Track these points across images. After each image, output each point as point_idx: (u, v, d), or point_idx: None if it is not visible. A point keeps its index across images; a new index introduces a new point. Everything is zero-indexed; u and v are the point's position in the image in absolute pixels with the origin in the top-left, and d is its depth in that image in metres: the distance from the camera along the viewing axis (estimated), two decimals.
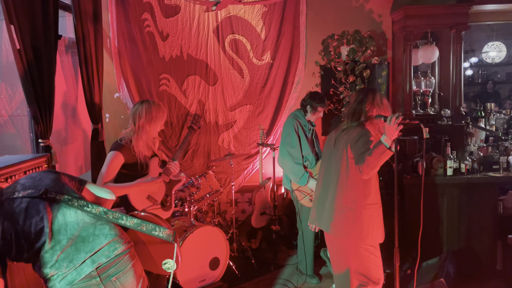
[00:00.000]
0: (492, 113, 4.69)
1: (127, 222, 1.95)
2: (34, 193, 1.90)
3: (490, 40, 5.28)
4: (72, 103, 4.34)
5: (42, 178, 2.00)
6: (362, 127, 2.64)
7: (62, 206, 1.92)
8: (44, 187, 1.93)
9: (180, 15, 4.85)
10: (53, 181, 2.00)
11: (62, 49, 4.15)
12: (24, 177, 2.04)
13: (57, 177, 2.04)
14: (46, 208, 1.88)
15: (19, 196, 1.90)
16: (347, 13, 4.82)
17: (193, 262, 3.67)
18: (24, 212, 1.86)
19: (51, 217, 1.88)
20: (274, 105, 4.96)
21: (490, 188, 4.02)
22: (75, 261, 1.84)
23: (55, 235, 1.86)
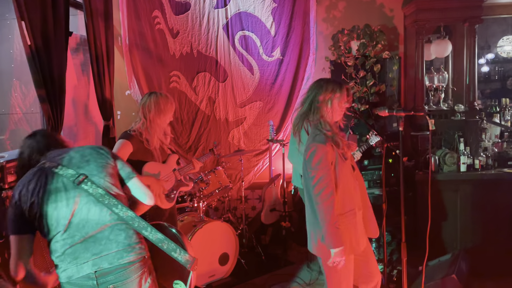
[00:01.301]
0: (507, 108, 4.58)
1: (150, 235, 1.85)
2: (73, 176, 1.86)
3: (505, 35, 5.15)
4: (83, 100, 4.39)
5: (90, 160, 1.93)
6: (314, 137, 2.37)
7: (91, 200, 1.86)
8: (87, 172, 1.88)
9: (190, 12, 4.87)
10: (98, 168, 1.92)
11: (73, 47, 4.21)
12: (77, 149, 1.98)
13: (105, 164, 1.95)
14: (75, 198, 1.85)
15: (59, 174, 1.86)
16: (357, 8, 4.77)
17: (202, 257, 3.67)
18: (55, 193, 1.85)
19: (75, 210, 1.85)
20: (284, 102, 4.94)
21: (505, 184, 3.92)
22: (79, 260, 1.85)
23: (71, 229, 1.85)
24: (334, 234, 2.28)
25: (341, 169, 2.37)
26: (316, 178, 2.29)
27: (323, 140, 2.34)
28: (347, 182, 2.39)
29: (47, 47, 3.13)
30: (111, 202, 1.85)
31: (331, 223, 2.28)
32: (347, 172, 2.41)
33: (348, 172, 2.42)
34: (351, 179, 2.43)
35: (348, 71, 4.27)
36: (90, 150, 1.97)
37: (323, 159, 2.29)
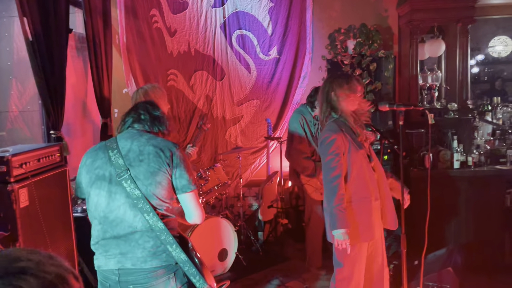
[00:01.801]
0: (498, 107, 4.69)
1: (174, 252, 1.83)
2: (119, 168, 1.86)
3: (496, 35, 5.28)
4: (82, 97, 4.40)
5: (144, 161, 1.87)
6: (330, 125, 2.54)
7: (129, 202, 1.85)
8: (134, 172, 1.85)
9: (187, 11, 4.91)
10: (146, 173, 1.85)
11: (72, 44, 4.21)
12: (141, 141, 1.92)
13: (156, 171, 1.86)
14: (116, 194, 1.86)
15: (111, 160, 1.87)
16: (353, 8, 4.85)
17: (202, 253, 3.69)
18: (101, 180, 1.89)
19: (112, 205, 1.87)
20: (281, 100, 5.00)
21: (498, 181, 4.02)
22: (109, 253, 1.89)
23: (105, 224, 1.89)
24: (336, 216, 2.40)
25: (354, 158, 2.49)
26: (325, 163, 2.48)
27: (334, 129, 2.50)
28: (361, 170, 2.50)
29: (48, 43, 3.15)
30: (144, 208, 1.83)
31: (334, 205, 2.41)
32: (361, 161, 2.51)
33: (363, 161, 2.52)
34: (366, 168, 2.52)
35: (344, 69, 4.34)
36: (151, 149, 1.89)
37: (332, 146, 2.45)
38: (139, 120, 2.01)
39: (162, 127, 2.05)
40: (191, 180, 1.93)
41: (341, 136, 2.47)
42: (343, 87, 2.51)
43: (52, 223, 2.61)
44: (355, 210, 2.49)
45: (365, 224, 2.51)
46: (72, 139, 4.18)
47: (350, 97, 2.51)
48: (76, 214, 3.10)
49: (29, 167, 2.43)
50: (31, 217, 2.39)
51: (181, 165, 1.91)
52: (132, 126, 2.01)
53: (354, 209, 2.49)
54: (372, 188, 2.54)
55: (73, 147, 4.20)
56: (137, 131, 1.98)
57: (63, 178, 2.80)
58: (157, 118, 2.05)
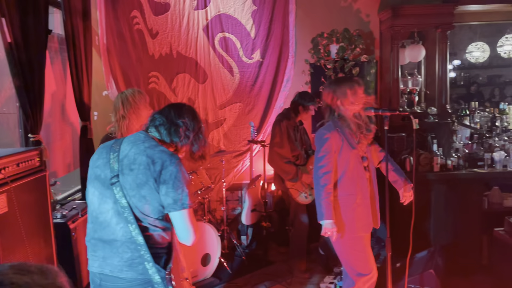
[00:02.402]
0: (476, 111, 4.81)
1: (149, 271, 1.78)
2: (112, 173, 1.80)
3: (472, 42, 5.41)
4: (60, 100, 4.30)
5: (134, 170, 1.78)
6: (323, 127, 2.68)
7: (116, 209, 1.81)
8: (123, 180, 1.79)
9: (169, 13, 4.85)
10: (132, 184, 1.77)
11: (51, 46, 4.11)
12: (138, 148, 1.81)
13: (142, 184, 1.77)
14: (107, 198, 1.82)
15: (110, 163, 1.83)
16: (335, 13, 4.89)
17: (184, 258, 3.65)
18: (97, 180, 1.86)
19: (102, 208, 1.84)
20: (264, 103, 4.99)
21: (476, 184, 4.12)
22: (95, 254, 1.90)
23: (95, 224, 1.87)
24: (324, 208, 2.58)
25: (346, 157, 2.62)
26: (317, 158, 2.64)
27: (330, 127, 2.65)
28: (351, 169, 2.63)
29: (27, 44, 3.05)
30: (129, 218, 1.78)
31: (322, 198, 2.58)
32: (353, 160, 2.63)
33: (354, 161, 2.63)
34: (357, 167, 2.64)
35: (327, 73, 4.37)
36: (143, 159, 1.79)
37: (325, 144, 2.60)
38: (154, 124, 1.90)
39: (175, 138, 1.87)
40: (179, 200, 1.77)
41: (334, 135, 2.60)
42: (347, 94, 2.60)
43: (31, 229, 2.53)
44: (341, 205, 2.65)
45: (349, 219, 2.64)
46: (51, 142, 4.07)
47: (354, 103, 2.60)
48: (56, 220, 3.01)
49: (8, 172, 2.34)
50: (10, 224, 2.30)
51: (169, 182, 1.76)
52: (147, 129, 1.91)
53: (340, 204, 2.65)
54: (360, 186, 2.65)
55: (52, 150, 4.09)
56: (144, 136, 1.87)
57: (42, 183, 2.72)
58: (174, 126, 1.87)
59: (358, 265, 2.69)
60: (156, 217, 1.81)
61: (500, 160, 4.17)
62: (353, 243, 2.67)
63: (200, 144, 1.92)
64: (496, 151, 4.24)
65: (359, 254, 2.68)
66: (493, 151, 4.27)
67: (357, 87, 2.61)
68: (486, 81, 7.02)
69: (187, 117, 1.89)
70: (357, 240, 2.67)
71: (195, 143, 1.91)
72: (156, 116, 1.91)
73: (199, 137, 1.92)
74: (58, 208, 3.41)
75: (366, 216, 2.68)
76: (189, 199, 1.79)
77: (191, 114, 1.92)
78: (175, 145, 1.89)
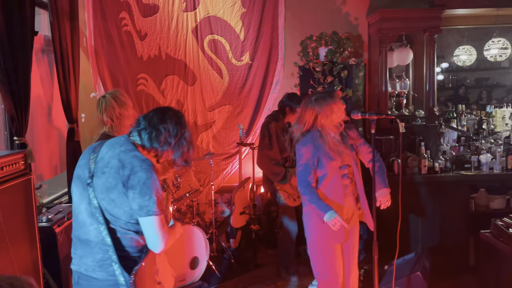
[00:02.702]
0: (463, 114, 4.86)
1: (116, 272, 1.78)
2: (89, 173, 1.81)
3: (460, 45, 5.47)
4: (47, 102, 4.25)
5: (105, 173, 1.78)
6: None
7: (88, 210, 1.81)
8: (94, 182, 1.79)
9: (158, 14, 4.83)
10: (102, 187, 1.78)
11: (37, 47, 4.07)
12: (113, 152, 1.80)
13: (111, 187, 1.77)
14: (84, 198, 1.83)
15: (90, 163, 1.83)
16: (324, 16, 4.91)
17: (172, 262, 3.63)
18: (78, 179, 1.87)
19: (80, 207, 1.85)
20: (253, 106, 4.99)
21: (462, 186, 4.15)
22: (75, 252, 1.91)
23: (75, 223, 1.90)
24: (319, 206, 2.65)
25: (322, 168, 2.70)
26: (298, 172, 2.77)
27: (305, 142, 2.74)
28: (328, 180, 2.71)
29: (12, 46, 3.01)
30: (99, 219, 1.79)
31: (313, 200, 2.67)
32: (331, 171, 2.70)
33: (333, 172, 2.70)
34: (333, 178, 2.70)
35: (316, 76, 4.38)
36: (115, 163, 1.78)
37: (302, 158, 2.73)
38: (137, 127, 1.87)
39: (155, 143, 1.84)
40: (145, 207, 1.74)
41: (310, 148, 2.70)
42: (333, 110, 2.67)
43: (16, 234, 2.50)
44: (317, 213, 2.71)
45: (320, 227, 2.71)
46: (37, 145, 4.03)
47: (331, 116, 2.67)
48: (41, 224, 2.98)
49: None
50: None
51: (136, 188, 1.73)
52: (130, 133, 1.90)
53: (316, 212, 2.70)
54: (335, 198, 2.71)
55: (38, 153, 4.04)
56: (124, 140, 1.86)
57: (27, 187, 2.69)
58: (155, 131, 1.83)
59: (323, 268, 2.79)
60: (127, 220, 1.80)
61: (486, 162, 4.21)
62: (322, 248, 2.77)
63: (182, 150, 1.87)
64: (483, 153, 4.28)
65: (326, 259, 2.77)
66: (479, 153, 4.31)
67: (339, 100, 2.70)
68: (473, 84, 7.10)
69: (170, 122, 1.86)
70: (327, 246, 2.76)
71: (176, 149, 1.86)
72: (140, 120, 1.89)
73: (182, 144, 1.87)
74: (44, 211, 3.37)
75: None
76: (156, 207, 1.75)
77: (174, 120, 1.87)
78: (155, 151, 1.86)
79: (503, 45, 4.70)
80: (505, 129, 4.68)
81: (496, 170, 4.21)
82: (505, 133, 4.61)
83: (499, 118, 4.81)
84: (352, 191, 2.79)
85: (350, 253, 2.85)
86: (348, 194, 2.78)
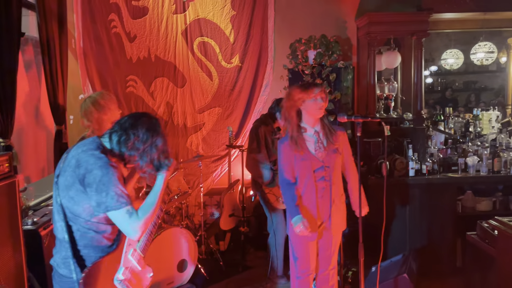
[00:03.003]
0: (450, 117, 4.90)
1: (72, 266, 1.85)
2: (55, 177, 1.88)
3: (448, 49, 5.52)
4: (34, 103, 4.22)
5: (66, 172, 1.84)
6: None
7: (55, 207, 1.89)
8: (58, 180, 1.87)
9: (148, 16, 4.83)
10: (62, 185, 1.84)
11: (25, 48, 4.04)
12: (76, 151, 1.84)
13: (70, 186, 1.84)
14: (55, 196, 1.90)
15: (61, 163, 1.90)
16: (313, 19, 4.93)
17: (160, 265, 3.62)
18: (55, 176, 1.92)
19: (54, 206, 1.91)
20: (243, 108, 5.00)
21: (450, 188, 4.18)
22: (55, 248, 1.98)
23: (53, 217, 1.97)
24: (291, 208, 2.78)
25: (297, 166, 2.78)
26: (279, 169, 2.87)
27: (282, 140, 2.84)
28: (302, 177, 2.78)
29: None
30: (62, 217, 1.85)
31: (288, 201, 2.80)
32: (303, 170, 2.77)
33: (305, 171, 2.76)
34: (307, 176, 2.75)
35: (305, 79, 4.40)
36: (73, 162, 1.82)
37: (280, 155, 2.83)
38: (111, 130, 1.89)
39: (123, 148, 1.84)
40: (103, 203, 1.78)
41: (286, 146, 2.77)
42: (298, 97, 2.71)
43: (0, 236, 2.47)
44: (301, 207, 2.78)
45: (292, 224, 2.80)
46: (24, 147, 3.99)
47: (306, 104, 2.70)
48: (26, 227, 2.95)
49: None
50: None
51: (92, 186, 1.77)
52: (103, 135, 1.92)
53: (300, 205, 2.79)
54: (311, 198, 2.77)
55: (25, 155, 4.01)
56: (91, 141, 1.88)
57: (12, 189, 2.66)
58: (125, 135, 1.84)
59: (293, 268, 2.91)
60: (88, 218, 1.84)
61: (473, 165, 4.26)
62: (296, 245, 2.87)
63: (150, 158, 1.86)
64: (470, 156, 4.32)
65: (298, 259, 2.87)
66: (466, 156, 4.35)
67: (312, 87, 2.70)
68: (462, 87, 7.18)
69: (141, 128, 1.85)
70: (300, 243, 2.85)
71: (143, 156, 1.86)
72: (116, 123, 1.91)
73: (151, 151, 1.86)
74: (30, 214, 3.34)
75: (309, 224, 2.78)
76: (116, 201, 1.77)
77: (146, 126, 1.86)
78: (122, 155, 1.86)
79: (489, 49, 4.76)
80: (491, 131, 4.72)
81: (483, 173, 4.25)
82: (491, 135, 4.66)
83: (485, 120, 4.87)
84: (329, 194, 2.79)
85: (326, 250, 2.89)
86: (325, 197, 2.78)
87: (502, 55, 5.27)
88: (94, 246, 1.88)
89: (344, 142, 2.86)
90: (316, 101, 2.65)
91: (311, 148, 2.75)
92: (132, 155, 1.85)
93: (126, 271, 1.97)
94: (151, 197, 1.91)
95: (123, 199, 1.79)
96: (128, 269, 1.99)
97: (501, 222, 3.15)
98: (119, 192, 1.78)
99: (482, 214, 4.07)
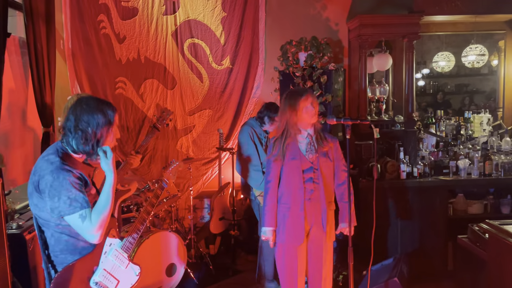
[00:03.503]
0: (442, 120, 4.90)
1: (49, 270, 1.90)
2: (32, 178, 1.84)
3: (440, 51, 5.52)
4: (21, 105, 4.15)
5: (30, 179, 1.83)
6: None
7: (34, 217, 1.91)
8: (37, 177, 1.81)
9: (137, 17, 4.77)
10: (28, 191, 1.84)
11: (11, 49, 3.97)
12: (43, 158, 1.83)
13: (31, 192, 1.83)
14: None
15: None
16: (305, 21, 4.91)
17: (149, 269, 3.56)
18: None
19: None
20: (234, 110, 4.96)
21: (441, 191, 4.17)
22: None
23: None
24: (265, 215, 2.85)
25: (285, 167, 2.80)
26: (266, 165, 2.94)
27: (274, 138, 2.87)
28: (289, 179, 2.79)
29: None
30: (35, 224, 1.90)
31: (265, 205, 2.86)
32: (292, 171, 2.78)
33: (294, 171, 2.77)
34: (294, 178, 2.77)
35: (296, 81, 4.37)
36: (33, 169, 1.84)
37: (271, 151, 2.84)
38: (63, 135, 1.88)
39: (80, 146, 1.83)
40: (56, 208, 1.77)
41: (277, 144, 2.80)
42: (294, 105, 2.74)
43: None
44: (283, 213, 2.82)
45: (279, 227, 2.83)
46: (10, 149, 3.93)
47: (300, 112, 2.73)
48: (10, 230, 2.89)
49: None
50: None
51: (45, 191, 1.77)
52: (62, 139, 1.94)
53: (283, 212, 2.83)
54: (295, 198, 2.78)
55: (11, 157, 3.94)
56: (53, 145, 1.93)
57: None
58: (76, 128, 1.81)
59: (281, 272, 2.89)
60: (58, 222, 1.84)
61: (464, 168, 4.25)
62: (282, 250, 2.84)
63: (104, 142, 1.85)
64: (461, 159, 4.31)
65: (285, 262, 2.84)
66: (458, 159, 4.35)
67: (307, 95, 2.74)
68: (454, 90, 7.19)
69: (83, 116, 1.81)
70: (286, 248, 2.83)
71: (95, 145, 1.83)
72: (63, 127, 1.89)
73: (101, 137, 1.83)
74: (15, 218, 3.27)
75: (295, 228, 2.79)
76: (68, 206, 1.76)
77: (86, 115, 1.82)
78: (86, 154, 1.86)
79: (480, 52, 4.76)
80: (482, 134, 4.73)
81: (474, 175, 4.24)
82: (482, 138, 4.66)
83: (477, 123, 4.87)
84: (318, 198, 2.79)
85: (314, 254, 2.87)
86: (313, 200, 2.78)
87: (493, 58, 5.29)
88: (71, 250, 1.87)
89: (336, 149, 2.89)
90: (311, 107, 2.73)
91: (302, 149, 2.79)
92: (87, 150, 1.85)
93: (104, 272, 1.93)
94: (102, 198, 1.88)
95: (76, 203, 1.78)
96: (106, 270, 1.95)
97: (492, 226, 3.14)
98: (72, 196, 1.77)
99: (473, 217, 4.06)
